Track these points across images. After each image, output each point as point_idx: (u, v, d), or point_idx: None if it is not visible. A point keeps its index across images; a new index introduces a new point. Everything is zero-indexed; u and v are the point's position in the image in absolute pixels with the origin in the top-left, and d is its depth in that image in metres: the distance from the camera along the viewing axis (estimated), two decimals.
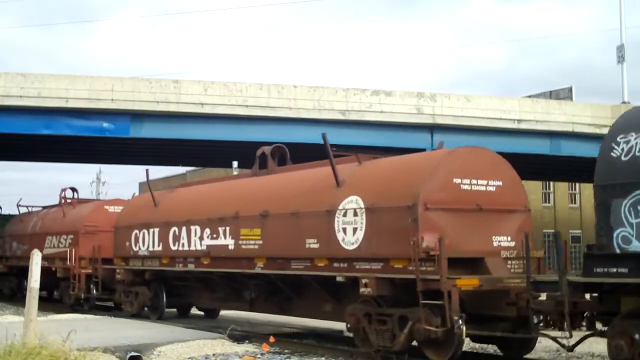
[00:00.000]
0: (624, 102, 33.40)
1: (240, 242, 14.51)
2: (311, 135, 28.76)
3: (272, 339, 13.52)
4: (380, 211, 11.56)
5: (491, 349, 13.13)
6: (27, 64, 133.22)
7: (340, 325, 16.19)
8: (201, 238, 15.74)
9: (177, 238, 16.62)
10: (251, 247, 14.20)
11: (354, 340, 12.40)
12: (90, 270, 21.01)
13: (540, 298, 10.41)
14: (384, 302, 11.58)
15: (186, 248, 16.29)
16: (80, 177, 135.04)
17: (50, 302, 25.02)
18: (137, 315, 18.36)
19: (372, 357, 11.93)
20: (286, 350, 13.03)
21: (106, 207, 22.35)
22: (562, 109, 31.26)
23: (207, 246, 15.56)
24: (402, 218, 11.11)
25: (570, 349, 10.02)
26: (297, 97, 28.60)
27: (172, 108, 27.79)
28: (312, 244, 12.77)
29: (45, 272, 24.10)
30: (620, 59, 34.95)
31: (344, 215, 12.16)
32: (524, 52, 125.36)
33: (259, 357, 12.25)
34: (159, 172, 59.18)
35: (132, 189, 65.31)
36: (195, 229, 15.96)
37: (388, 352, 11.52)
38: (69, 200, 24.96)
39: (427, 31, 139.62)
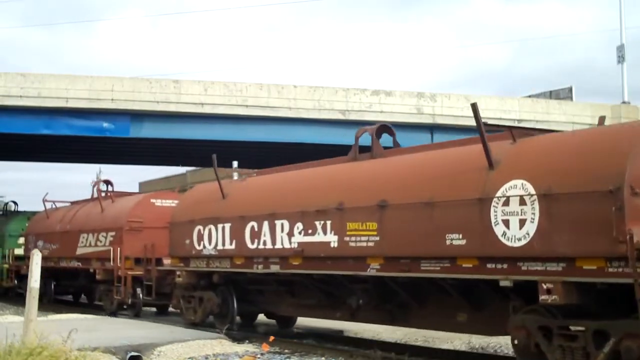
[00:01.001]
0: (624, 102, 33.41)
1: (346, 238, 12.00)
2: (311, 135, 28.84)
3: (272, 339, 13.52)
4: (560, 198, 9.13)
5: None
6: (28, 64, 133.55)
7: (340, 325, 16.16)
8: (290, 234, 13.17)
9: (256, 235, 14.03)
10: (362, 244, 11.73)
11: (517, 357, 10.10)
12: (139, 272, 18.89)
13: None
14: (565, 313, 9.25)
15: (269, 246, 13.71)
16: (80, 177, 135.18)
17: (92, 308, 22.86)
18: (200, 324, 15.90)
19: (372, 357, 11.93)
20: (286, 350, 13.03)
21: (152, 200, 19.95)
22: (562, 109, 31.27)
23: (299, 244, 12.96)
24: (596, 206, 8.70)
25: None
26: (297, 97, 28.61)
27: (172, 108, 27.81)
28: (455, 240, 10.37)
29: (79, 274, 22.51)
30: (620, 59, 34.95)
31: (505, 204, 9.72)
32: (525, 52, 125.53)
33: (259, 357, 12.25)
34: (159, 172, 59.32)
35: (132, 189, 65.24)
36: (282, 223, 13.41)
37: None
38: (103, 194, 22.42)
39: (428, 31, 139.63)
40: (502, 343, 13.48)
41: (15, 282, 26.79)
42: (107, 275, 19.71)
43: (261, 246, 13.94)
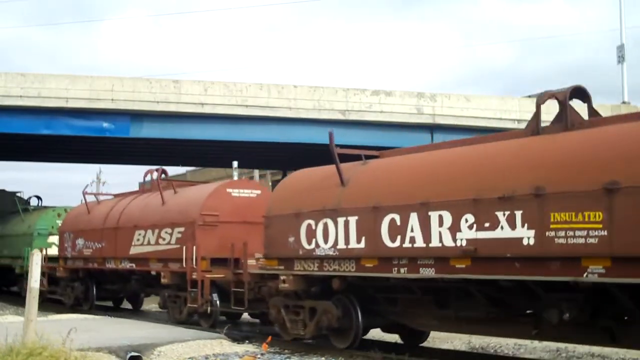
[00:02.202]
0: (624, 102, 33.42)
1: (549, 233, 9.37)
2: (311, 135, 28.82)
3: (269, 339, 13.51)
4: None
5: None
6: (31, 64, 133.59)
7: None
8: (454, 229, 10.42)
9: (397, 230, 11.22)
10: (577, 240, 9.13)
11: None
12: (219, 275, 16.09)
13: None
14: None
15: (419, 245, 10.92)
16: (80, 177, 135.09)
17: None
18: (308, 340, 13.28)
19: (372, 357, 11.93)
20: (286, 350, 13.03)
21: (229, 190, 17.09)
22: None
23: (470, 241, 10.20)
24: None
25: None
26: (297, 97, 28.61)
27: (172, 108, 27.80)
28: None
29: (129, 277, 19.67)
30: (620, 59, 34.95)
31: None
32: (530, 51, 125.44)
33: (259, 357, 12.25)
34: None
35: (133, 189, 65.14)
36: (441, 215, 10.63)
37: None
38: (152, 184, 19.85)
39: (431, 30, 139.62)
40: (502, 343, 13.49)
41: (45, 285, 23.02)
42: (175, 278, 16.97)
43: (407, 244, 11.10)
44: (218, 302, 16.13)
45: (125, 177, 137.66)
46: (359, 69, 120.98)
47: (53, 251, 24.07)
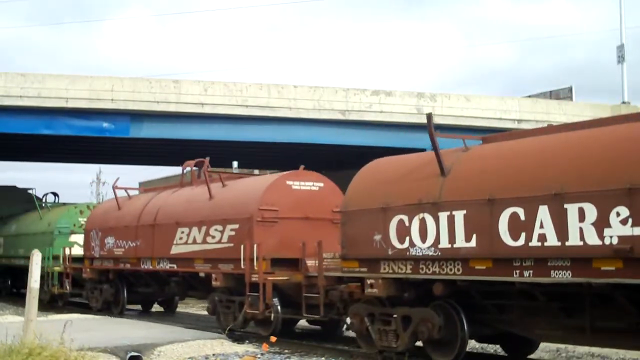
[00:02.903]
0: (624, 102, 33.43)
1: None
2: (311, 135, 28.82)
3: (273, 339, 13.51)
4: None
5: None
6: (32, 63, 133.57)
7: None
8: (602, 225, 8.86)
9: (522, 226, 9.68)
10: None
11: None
12: (284, 278, 14.19)
13: None
14: None
15: (552, 243, 9.33)
16: (80, 177, 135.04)
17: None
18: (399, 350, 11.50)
19: (372, 357, 11.93)
20: (286, 350, 13.03)
21: (289, 182, 15.19)
22: (562, 109, 31.25)
23: (624, 238, 8.67)
24: None
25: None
26: (297, 97, 28.60)
27: (172, 108, 27.79)
28: None
29: (167, 279, 17.80)
30: (620, 59, 34.96)
31: None
32: (533, 51, 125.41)
33: (259, 357, 12.25)
34: (159, 172, 59.25)
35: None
36: (581, 208, 9.05)
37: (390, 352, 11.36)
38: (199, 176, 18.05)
39: (433, 30, 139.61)
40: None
41: (67, 288, 22.25)
42: (229, 281, 15.22)
43: (534, 243, 9.50)
44: (279, 307, 14.27)
45: (125, 177, 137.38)
46: (359, 69, 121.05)
47: (75, 251, 22.49)
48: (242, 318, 14.71)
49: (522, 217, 9.65)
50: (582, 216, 9.04)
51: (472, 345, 13.60)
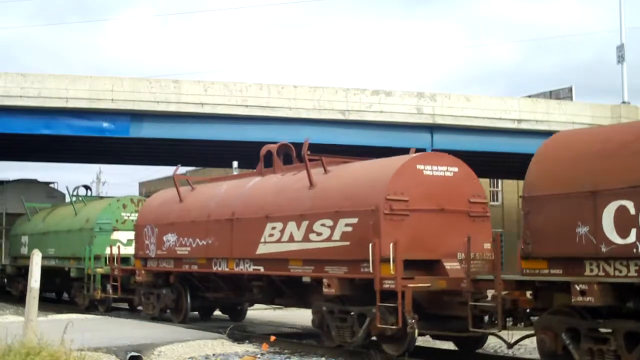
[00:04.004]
0: (623, 102, 33.44)
1: None
2: (311, 135, 28.79)
3: (272, 339, 13.51)
4: None
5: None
6: (35, 63, 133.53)
7: None
8: None
9: None
10: None
11: None
12: (424, 285, 11.33)
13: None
14: None
15: None
16: (81, 177, 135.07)
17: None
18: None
19: (371, 357, 11.92)
20: (286, 350, 13.03)
21: (419, 166, 12.32)
22: (562, 109, 31.26)
23: None
24: None
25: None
26: (297, 97, 28.62)
27: (172, 108, 27.80)
28: None
29: (246, 284, 15.15)
30: (620, 59, 34.96)
31: None
32: (537, 50, 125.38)
33: (259, 357, 12.25)
34: (159, 172, 59.32)
35: (132, 189, 65.22)
36: None
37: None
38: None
39: (437, 29, 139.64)
40: (502, 343, 13.36)
41: (114, 293, 19.81)
42: (345, 288, 12.27)
43: None
44: (414, 321, 11.13)
45: (125, 177, 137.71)
46: (359, 69, 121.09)
47: (131, 250, 19.86)
48: (364, 333, 12.02)
49: None
50: None
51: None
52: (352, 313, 12.23)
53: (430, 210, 12.07)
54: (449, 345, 13.53)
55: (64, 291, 27.13)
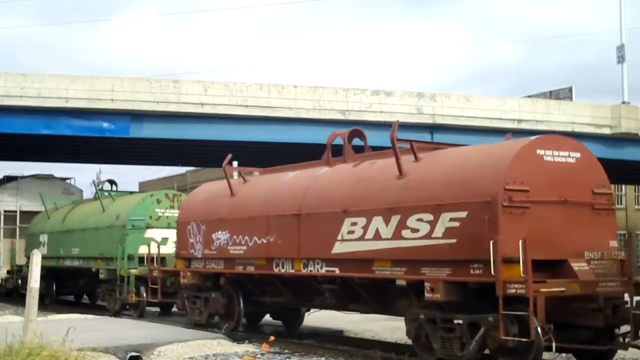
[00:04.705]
0: (623, 102, 33.45)
1: None
2: (311, 135, 28.83)
3: (271, 339, 13.50)
4: None
5: None
6: (37, 62, 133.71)
7: (340, 325, 16.25)
8: None
9: None
10: None
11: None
12: (558, 289, 9.67)
13: None
14: None
15: None
16: (81, 177, 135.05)
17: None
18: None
19: (372, 357, 11.92)
20: (286, 350, 13.02)
21: (540, 151, 10.60)
22: (562, 109, 31.29)
23: None
24: None
25: None
26: (297, 97, 28.64)
27: (172, 108, 27.83)
28: None
29: (315, 287, 13.12)
30: (620, 59, 34.99)
31: None
32: (538, 50, 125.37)
33: (259, 357, 12.23)
34: (159, 172, 59.32)
35: (132, 189, 65.15)
36: None
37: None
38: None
39: (438, 30, 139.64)
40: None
41: (147, 296, 18.24)
42: (453, 293, 10.45)
43: None
44: (541, 333, 9.47)
45: (125, 177, 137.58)
46: (359, 69, 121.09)
47: (153, 249, 17.89)
48: (477, 346, 10.24)
49: None
50: None
51: None
52: (460, 322, 10.40)
53: (553, 202, 10.42)
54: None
55: (84, 294, 25.16)
